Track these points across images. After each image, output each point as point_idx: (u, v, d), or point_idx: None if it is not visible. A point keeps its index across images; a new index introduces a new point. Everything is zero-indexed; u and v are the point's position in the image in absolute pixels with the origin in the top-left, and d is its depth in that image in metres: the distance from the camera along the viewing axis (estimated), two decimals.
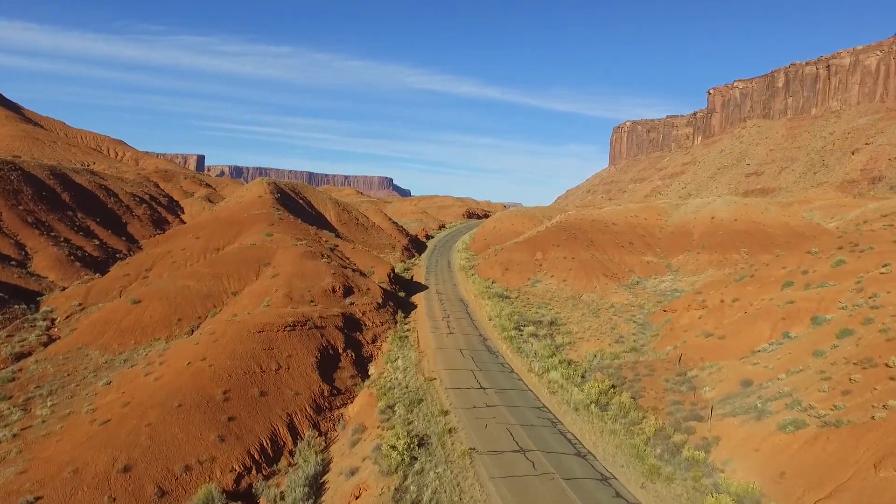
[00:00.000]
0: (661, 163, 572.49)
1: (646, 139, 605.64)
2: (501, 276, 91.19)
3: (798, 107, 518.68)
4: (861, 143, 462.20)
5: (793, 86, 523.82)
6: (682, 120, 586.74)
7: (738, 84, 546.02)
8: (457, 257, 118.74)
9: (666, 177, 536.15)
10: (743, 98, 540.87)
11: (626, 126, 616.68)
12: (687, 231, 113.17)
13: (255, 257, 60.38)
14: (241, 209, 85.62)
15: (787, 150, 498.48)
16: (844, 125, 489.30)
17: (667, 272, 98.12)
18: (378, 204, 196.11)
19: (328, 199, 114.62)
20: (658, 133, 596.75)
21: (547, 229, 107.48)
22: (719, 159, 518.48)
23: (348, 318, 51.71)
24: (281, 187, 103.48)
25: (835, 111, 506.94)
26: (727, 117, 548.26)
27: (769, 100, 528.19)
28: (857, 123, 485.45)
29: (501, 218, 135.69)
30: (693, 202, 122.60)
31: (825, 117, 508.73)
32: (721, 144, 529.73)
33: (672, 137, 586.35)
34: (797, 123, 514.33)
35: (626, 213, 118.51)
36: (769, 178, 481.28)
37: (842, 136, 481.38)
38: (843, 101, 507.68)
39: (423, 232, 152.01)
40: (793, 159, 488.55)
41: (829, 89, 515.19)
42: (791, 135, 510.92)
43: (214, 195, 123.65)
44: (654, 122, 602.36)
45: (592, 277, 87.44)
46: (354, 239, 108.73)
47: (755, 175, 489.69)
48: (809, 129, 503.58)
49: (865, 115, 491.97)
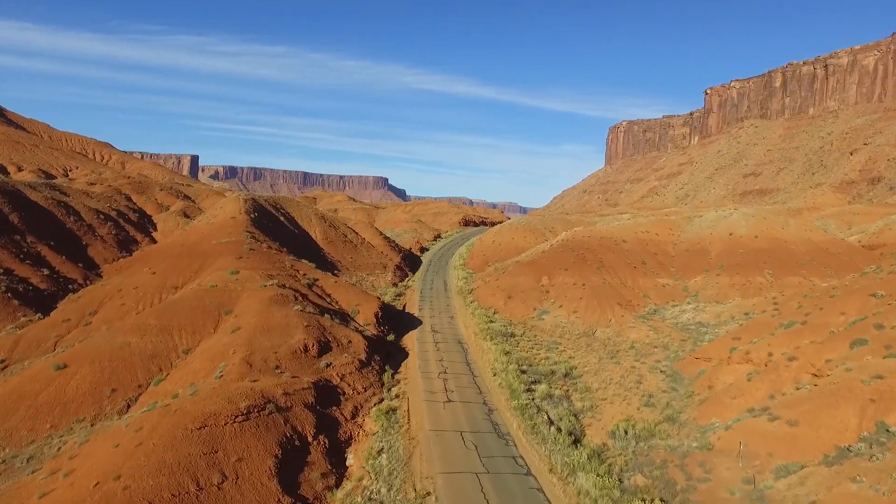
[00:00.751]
0: (657, 163, 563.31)
1: (642, 139, 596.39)
2: (504, 305, 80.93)
3: (796, 107, 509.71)
4: (859, 143, 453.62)
5: (790, 86, 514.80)
6: (678, 120, 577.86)
7: (735, 84, 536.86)
8: (453, 276, 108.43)
9: (663, 177, 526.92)
10: (740, 98, 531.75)
11: (622, 126, 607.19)
12: (703, 248, 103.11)
13: (216, 303, 50.00)
14: (210, 232, 75.10)
15: (784, 150, 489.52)
16: (842, 125, 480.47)
17: (685, 297, 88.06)
18: (370, 212, 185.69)
19: (313, 214, 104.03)
20: (654, 133, 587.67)
21: (552, 249, 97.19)
22: (716, 160, 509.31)
23: (322, 387, 41.34)
24: (260, 204, 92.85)
25: (833, 111, 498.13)
26: (724, 117, 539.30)
27: (766, 100, 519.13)
28: (856, 123, 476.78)
29: (501, 231, 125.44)
30: (708, 216, 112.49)
31: (823, 117, 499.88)
32: (718, 145, 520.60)
33: (668, 137, 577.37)
34: (795, 124, 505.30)
35: (637, 229, 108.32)
36: (767, 179, 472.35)
37: (840, 136, 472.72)
38: (840, 101, 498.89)
39: (417, 244, 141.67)
40: (791, 160, 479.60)
41: (826, 89, 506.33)
42: (789, 135, 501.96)
43: (192, 209, 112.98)
44: (650, 122, 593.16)
45: (606, 307, 77.24)
46: (342, 259, 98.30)
47: (753, 176, 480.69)
48: (807, 130, 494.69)
49: (863, 116, 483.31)
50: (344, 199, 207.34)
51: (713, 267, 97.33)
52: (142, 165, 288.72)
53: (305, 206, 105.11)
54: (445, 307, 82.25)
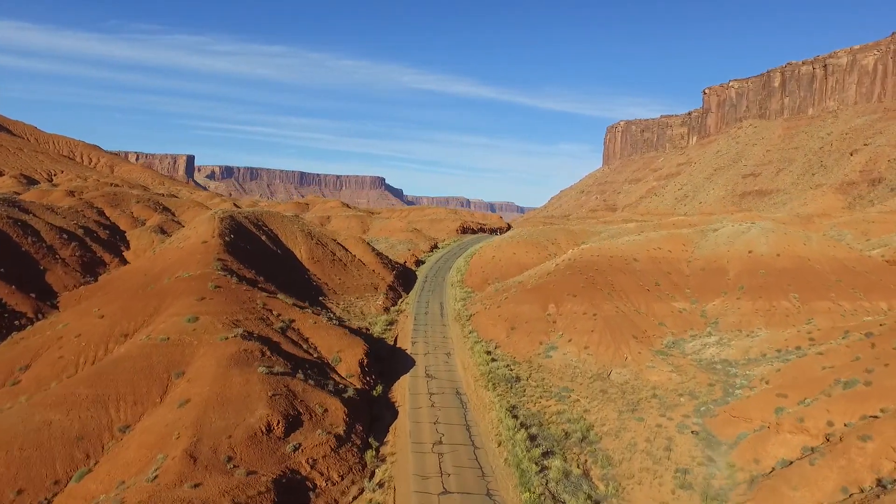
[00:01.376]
0: (655, 163, 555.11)
1: (640, 139, 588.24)
2: (506, 338, 72.18)
3: (795, 107, 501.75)
4: (859, 143, 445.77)
5: (789, 86, 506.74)
6: (676, 120, 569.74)
7: (733, 84, 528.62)
8: (451, 296, 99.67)
9: (661, 177, 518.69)
10: (739, 98, 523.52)
11: (620, 126, 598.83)
12: (720, 267, 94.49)
13: (165, 362, 41.23)
14: (178, 259, 66.17)
15: (784, 150, 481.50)
16: (842, 125, 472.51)
17: (704, 325, 79.45)
18: (365, 219, 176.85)
19: (299, 231, 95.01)
20: (652, 133, 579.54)
21: (558, 270, 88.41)
22: (715, 160, 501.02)
23: (287, 484, 32.57)
24: (239, 222, 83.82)
25: (832, 111, 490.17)
26: (723, 117, 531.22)
27: (765, 100, 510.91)
28: (855, 124, 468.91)
29: (501, 245, 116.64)
30: (724, 231, 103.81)
31: (822, 117, 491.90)
32: (717, 145, 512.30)
33: (667, 137, 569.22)
34: (794, 124, 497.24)
35: (648, 246, 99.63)
36: (767, 180, 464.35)
37: (840, 136, 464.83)
38: (840, 101, 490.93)
39: (412, 257, 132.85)
40: (790, 160, 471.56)
41: (826, 89, 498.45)
42: (788, 135, 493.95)
43: (169, 223, 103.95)
44: (648, 122, 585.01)
45: (620, 341, 68.55)
46: (330, 281, 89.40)
47: (752, 176, 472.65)
48: (807, 130, 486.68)
49: (863, 116, 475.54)
50: (337, 206, 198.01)
51: (732, 289, 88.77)
52: (130, 168, 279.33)
53: (290, 222, 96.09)
54: (442, 339, 73.42)
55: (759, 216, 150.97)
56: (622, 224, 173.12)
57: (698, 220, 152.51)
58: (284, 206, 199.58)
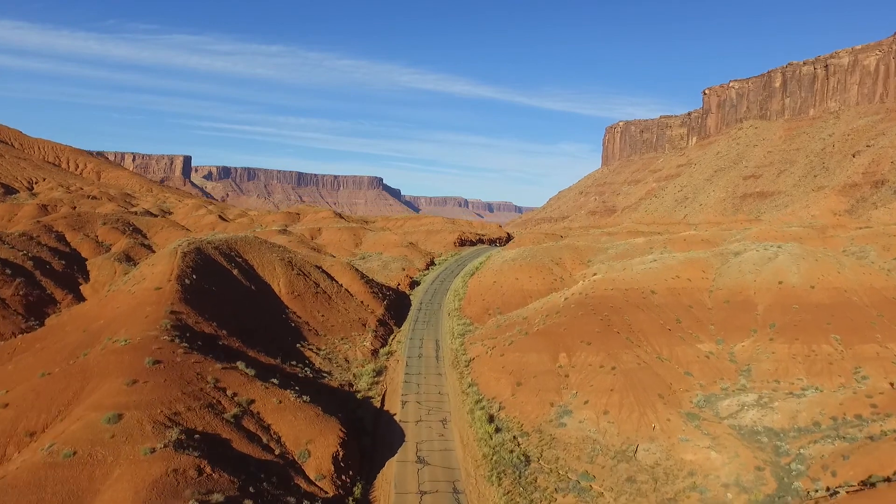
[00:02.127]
0: (655, 164, 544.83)
1: (639, 140, 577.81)
2: (511, 396, 61.49)
3: (796, 108, 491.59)
4: (862, 145, 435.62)
5: (790, 86, 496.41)
6: (676, 120, 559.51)
7: (733, 84, 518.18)
8: (447, 330, 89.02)
9: (661, 179, 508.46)
10: (739, 98, 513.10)
11: (618, 126, 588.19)
12: (746, 300, 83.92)
13: (62, 495, 30.54)
14: (125, 311, 55.37)
15: (785, 152, 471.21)
16: (844, 126, 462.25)
17: (736, 374, 68.88)
18: (357, 232, 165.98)
19: (277, 261, 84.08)
20: (652, 133, 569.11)
21: (568, 307, 77.62)
22: (715, 161, 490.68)
23: None
24: (206, 254, 72.82)
25: (833, 112, 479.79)
26: (723, 118, 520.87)
27: (766, 100, 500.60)
28: (857, 125, 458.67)
29: (502, 270, 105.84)
30: (749, 256, 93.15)
31: (824, 118, 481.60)
32: (717, 146, 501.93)
33: (666, 138, 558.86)
34: (795, 125, 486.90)
35: (666, 275, 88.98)
36: (768, 181, 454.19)
37: (841, 137, 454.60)
38: (841, 102, 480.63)
39: (406, 278, 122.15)
40: (791, 161, 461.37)
41: (827, 90, 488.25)
42: (789, 136, 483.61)
43: (137, 249, 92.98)
44: (647, 123, 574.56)
45: (646, 404, 57.96)
46: (312, 318, 78.57)
47: (753, 178, 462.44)
48: (808, 131, 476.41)
49: (865, 117, 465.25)
50: (329, 217, 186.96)
51: (762, 326, 78.25)
52: (118, 174, 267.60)
53: (268, 251, 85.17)
54: (437, 397, 62.65)
55: (776, 231, 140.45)
56: (629, 238, 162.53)
57: (711, 234, 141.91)
58: (274, 216, 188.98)
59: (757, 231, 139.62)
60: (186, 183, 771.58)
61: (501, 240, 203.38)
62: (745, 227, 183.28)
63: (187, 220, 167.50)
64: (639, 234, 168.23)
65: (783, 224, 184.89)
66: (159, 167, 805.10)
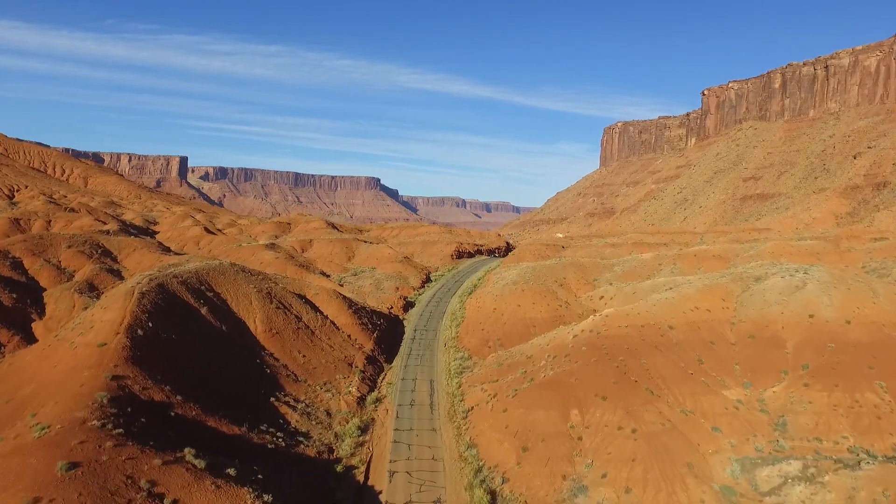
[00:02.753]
0: (653, 165, 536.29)
1: (638, 140, 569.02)
2: (517, 465, 52.52)
3: (795, 109, 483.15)
4: (863, 146, 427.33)
5: (790, 87, 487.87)
6: (674, 121, 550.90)
7: (733, 85, 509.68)
8: (443, 368, 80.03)
9: (660, 180, 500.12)
10: (738, 99, 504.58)
11: (617, 127, 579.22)
12: (774, 336, 74.88)
13: None
14: (61, 374, 46.30)
15: (785, 153, 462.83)
16: (844, 128, 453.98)
17: (770, 428, 59.93)
18: (350, 244, 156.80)
19: (255, 292, 74.89)
20: (650, 134, 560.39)
21: (577, 347, 68.51)
22: (715, 163, 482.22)
23: None
24: (170, 292, 63.55)
25: (833, 113, 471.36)
26: (722, 119, 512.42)
27: (765, 101, 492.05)
28: (858, 126, 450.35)
29: (502, 295, 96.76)
30: (773, 284, 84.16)
31: (824, 119, 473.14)
32: (716, 147, 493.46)
33: (665, 139, 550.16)
34: (795, 126, 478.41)
35: (683, 306, 79.98)
36: (768, 183, 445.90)
37: (842, 139, 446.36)
38: (841, 103, 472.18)
39: (400, 299, 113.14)
40: (792, 163, 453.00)
41: (827, 90, 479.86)
42: (789, 137, 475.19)
43: (102, 276, 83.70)
44: (646, 123, 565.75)
45: (673, 477, 49.09)
46: (292, 360, 69.46)
47: (753, 180, 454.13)
48: (808, 132, 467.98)
49: (866, 118, 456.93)
50: (321, 228, 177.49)
51: (794, 367, 69.32)
52: (106, 180, 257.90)
53: (245, 281, 75.94)
54: (430, 466, 53.63)
55: (791, 246, 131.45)
56: (634, 250, 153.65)
57: (722, 249, 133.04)
58: (264, 226, 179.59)
59: (771, 247, 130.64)
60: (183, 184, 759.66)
61: (500, 249, 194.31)
62: (755, 236, 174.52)
63: (170, 233, 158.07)
64: (644, 246, 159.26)
65: (794, 235, 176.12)
66: (155, 168, 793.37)
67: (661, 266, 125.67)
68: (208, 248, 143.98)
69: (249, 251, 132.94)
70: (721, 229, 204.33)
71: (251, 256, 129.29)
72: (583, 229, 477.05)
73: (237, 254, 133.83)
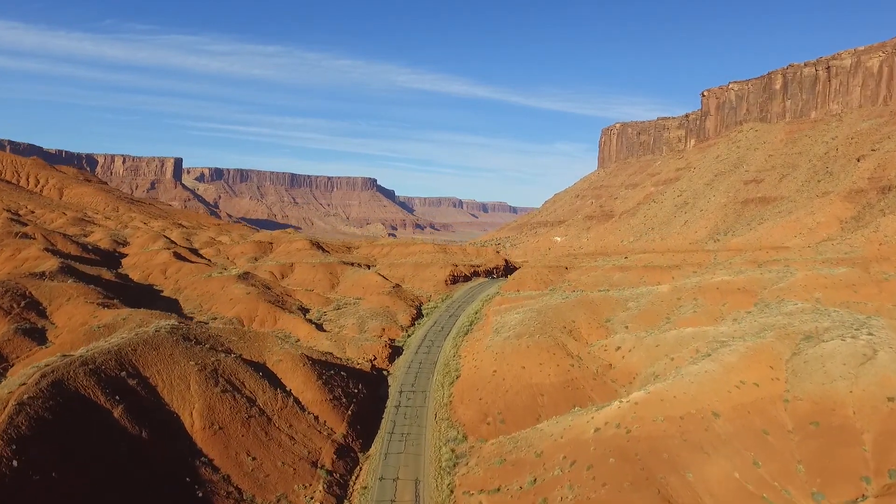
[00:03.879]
0: (653, 167, 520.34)
1: (636, 141, 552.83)
2: None
3: (797, 110, 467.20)
4: (866, 148, 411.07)
5: (791, 88, 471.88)
6: (673, 122, 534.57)
7: (733, 86, 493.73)
8: (433, 456, 63.90)
9: (659, 182, 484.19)
10: (738, 100, 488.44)
11: (615, 128, 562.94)
12: (843, 424, 58.90)
13: None
14: None
15: (787, 155, 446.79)
16: (847, 129, 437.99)
17: None
18: (334, 269, 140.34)
19: (196, 372, 58.49)
20: (649, 135, 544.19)
21: (603, 457, 52.22)
22: (715, 165, 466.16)
23: None
24: (70, 393, 47.17)
25: (836, 114, 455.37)
26: (722, 120, 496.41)
27: (766, 102, 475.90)
28: (861, 128, 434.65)
29: (504, 353, 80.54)
30: (832, 349, 68.10)
31: (826, 121, 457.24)
32: (717, 149, 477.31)
33: (664, 140, 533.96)
34: (796, 127, 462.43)
35: (727, 382, 63.80)
36: (770, 187, 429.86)
37: (845, 141, 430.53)
38: (844, 105, 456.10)
39: (385, 347, 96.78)
40: (794, 166, 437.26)
41: (829, 92, 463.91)
42: (791, 139, 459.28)
43: (16, 343, 66.99)
44: (644, 124, 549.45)
45: None
46: (238, 464, 53.18)
47: (754, 182, 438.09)
48: (810, 134, 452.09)
49: (869, 119, 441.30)
50: (305, 248, 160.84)
51: (878, 472, 53.58)
52: (82, 191, 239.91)
53: (183, 358, 59.50)
54: None
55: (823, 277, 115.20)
56: (645, 274, 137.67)
57: (746, 280, 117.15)
58: (243, 247, 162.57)
59: (802, 279, 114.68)
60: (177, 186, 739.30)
61: (498, 269, 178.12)
62: (773, 255, 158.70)
63: (137, 258, 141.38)
64: (656, 270, 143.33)
65: (816, 254, 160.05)
66: (150, 170, 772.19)
67: (680, 302, 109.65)
68: (175, 277, 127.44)
69: (219, 284, 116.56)
70: (734, 246, 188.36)
71: (220, 291, 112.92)
72: (581, 233, 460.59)
73: (205, 286, 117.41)
